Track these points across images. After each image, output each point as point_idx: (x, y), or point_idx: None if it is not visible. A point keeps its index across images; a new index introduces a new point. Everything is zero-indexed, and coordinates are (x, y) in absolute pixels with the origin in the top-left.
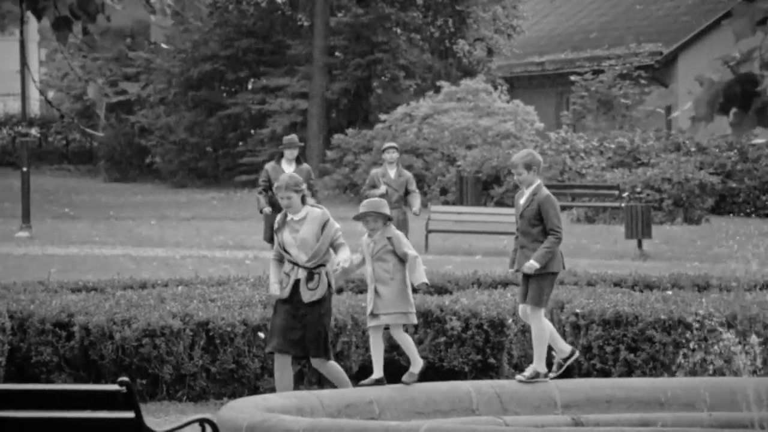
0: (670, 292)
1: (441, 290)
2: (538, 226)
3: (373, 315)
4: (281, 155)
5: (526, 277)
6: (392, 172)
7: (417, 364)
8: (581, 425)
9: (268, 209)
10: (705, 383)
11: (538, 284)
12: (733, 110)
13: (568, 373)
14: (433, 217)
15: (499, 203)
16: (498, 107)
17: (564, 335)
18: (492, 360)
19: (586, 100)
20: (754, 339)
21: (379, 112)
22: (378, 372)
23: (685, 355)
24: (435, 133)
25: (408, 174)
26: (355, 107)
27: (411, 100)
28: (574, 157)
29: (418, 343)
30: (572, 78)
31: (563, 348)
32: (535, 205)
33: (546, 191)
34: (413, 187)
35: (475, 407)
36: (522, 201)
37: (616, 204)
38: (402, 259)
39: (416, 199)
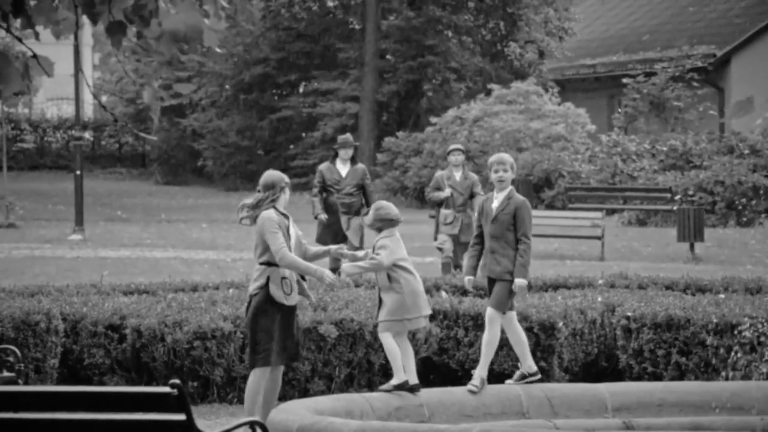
0: (722, 296)
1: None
2: (512, 231)
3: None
4: (335, 155)
5: (492, 282)
6: (458, 175)
7: (396, 377)
8: (632, 429)
9: (323, 216)
10: (757, 387)
11: (503, 289)
12: None
13: (619, 377)
14: None
15: (550, 206)
16: (549, 110)
17: (615, 338)
18: (543, 363)
19: (637, 103)
20: None
21: (430, 115)
22: (398, 376)
23: (737, 359)
24: (486, 136)
25: (474, 177)
26: (405, 110)
27: (461, 102)
28: (625, 160)
29: (469, 346)
30: (624, 80)
31: (531, 364)
32: (511, 209)
33: (521, 196)
34: (479, 189)
35: (525, 410)
36: (495, 205)
37: (668, 207)
38: (401, 267)
39: None
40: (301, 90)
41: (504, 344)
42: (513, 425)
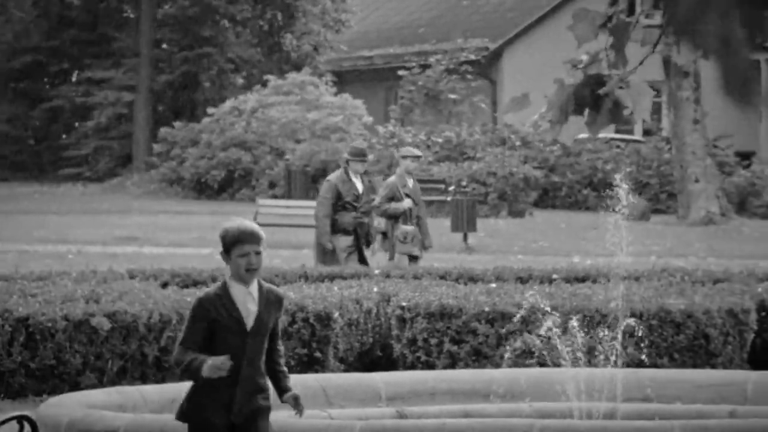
0: (494, 285)
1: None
2: None
3: None
4: (347, 165)
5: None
6: (411, 182)
7: None
8: (405, 417)
9: (330, 245)
10: (526, 374)
11: None
12: (587, 110)
13: (394, 366)
14: (261, 210)
15: None
16: (326, 101)
17: (390, 328)
18: (318, 354)
19: (413, 95)
20: (574, 330)
21: (207, 106)
22: None
23: (507, 347)
24: (263, 127)
25: (416, 184)
26: (182, 100)
27: (239, 93)
28: None
29: None
30: (400, 72)
31: None
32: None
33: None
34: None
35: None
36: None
37: (443, 198)
38: None
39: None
40: (74, 79)
41: (284, 334)
42: (287, 416)
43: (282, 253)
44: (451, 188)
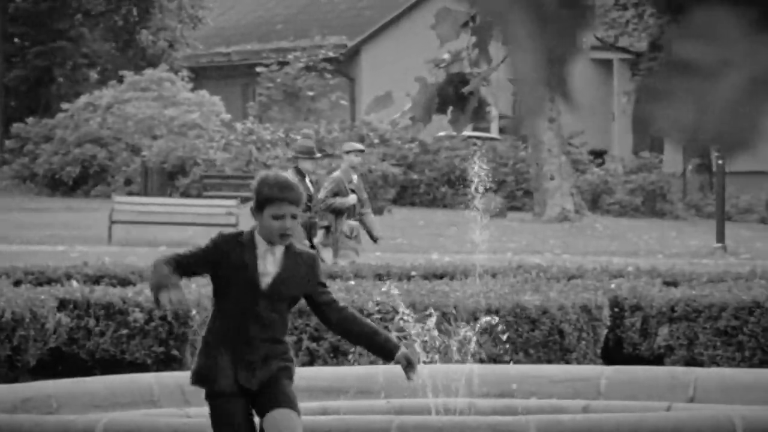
0: (352, 282)
1: (124, 282)
2: None
3: None
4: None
5: None
6: (355, 178)
7: None
8: None
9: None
10: (383, 371)
11: None
12: (450, 109)
13: None
14: (117, 207)
15: (185, 194)
16: (183, 97)
17: None
18: (176, 352)
19: (271, 92)
20: (432, 326)
21: (61, 101)
22: None
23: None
24: (119, 123)
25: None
26: (35, 95)
27: (94, 89)
28: (260, 148)
29: (100, 335)
30: (258, 69)
31: None
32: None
33: None
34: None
35: (156, 399)
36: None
37: None
38: None
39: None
40: None
41: (140, 332)
42: (143, 414)
43: (139, 250)
44: None
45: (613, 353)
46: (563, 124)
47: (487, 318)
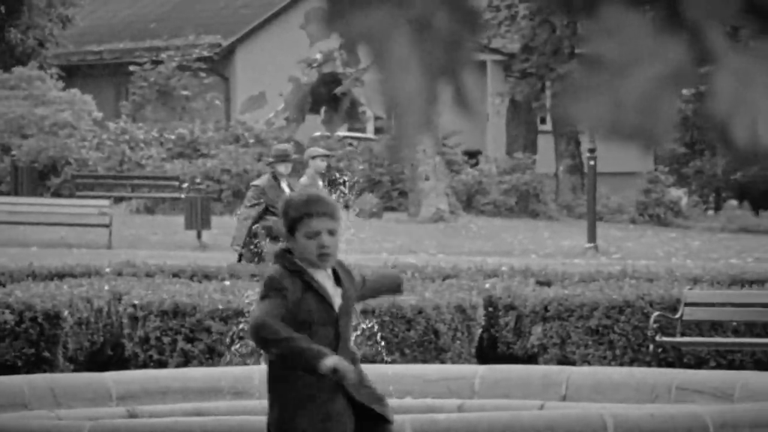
0: (228, 282)
1: None
2: None
3: None
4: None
5: None
6: (320, 183)
7: None
8: (136, 416)
9: (237, 249)
10: (259, 372)
11: None
12: (323, 108)
13: (125, 365)
14: None
15: (56, 194)
16: (54, 96)
17: (122, 326)
18: (47, 354)
19: (145, 91)
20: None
21: None
22: None
23: (240, 345)
24: None
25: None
26: None
27: None
28: (133, 148)
29: None
30: (131, 68)
31: None
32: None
33: None
34: None
35: (27, 402)
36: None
37: (176, 195)
38: None
39: None
40: None
41: (11, 334)
42: (12, 417)
43: (9, 251)
44: (185, 185)
45: (488, 352)
46: (437, 125)
47: (362, 318)
